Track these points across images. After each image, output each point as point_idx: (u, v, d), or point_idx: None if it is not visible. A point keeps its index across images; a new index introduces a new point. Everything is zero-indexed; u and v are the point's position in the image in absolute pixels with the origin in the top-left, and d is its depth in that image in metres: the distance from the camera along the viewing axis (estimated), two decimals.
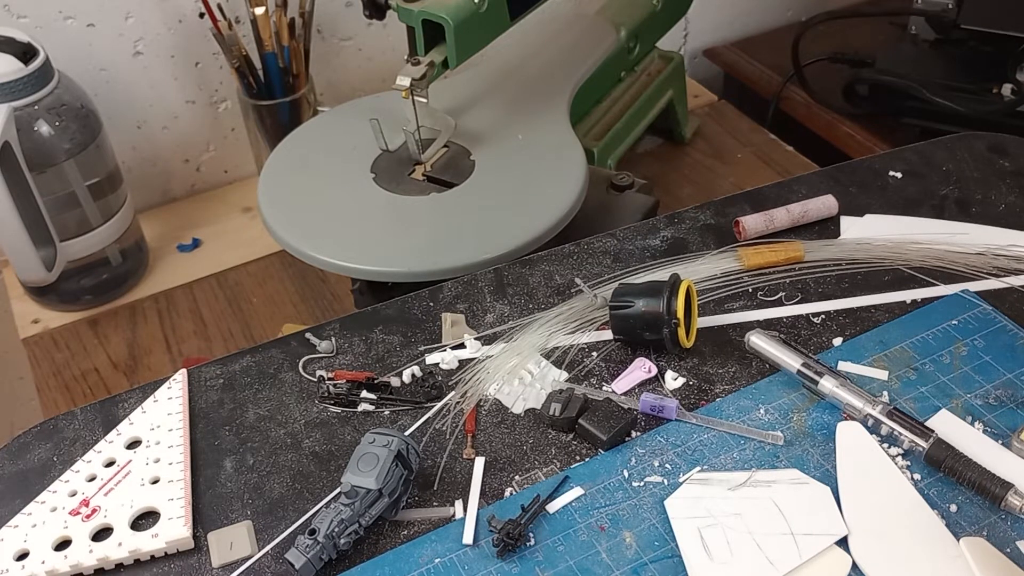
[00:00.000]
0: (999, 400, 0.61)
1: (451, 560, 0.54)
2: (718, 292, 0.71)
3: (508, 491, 0.58)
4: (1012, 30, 1.13)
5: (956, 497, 0.55)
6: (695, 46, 1.45)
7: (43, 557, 0.55)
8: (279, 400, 0.65)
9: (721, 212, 0.80)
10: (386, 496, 0.55)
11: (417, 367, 0.67)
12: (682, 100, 1.17)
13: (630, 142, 1.06)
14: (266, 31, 1.02)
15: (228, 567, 0.55)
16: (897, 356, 0.65)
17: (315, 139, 0.92)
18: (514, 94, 0.96)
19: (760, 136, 1.21)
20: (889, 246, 0.74)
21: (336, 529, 0.53)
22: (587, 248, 0.77)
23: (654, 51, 1.13)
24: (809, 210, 0.78)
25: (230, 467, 0.61)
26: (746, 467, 0.58)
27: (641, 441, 0.60)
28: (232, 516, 0.58)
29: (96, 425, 0.64)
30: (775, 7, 1.48)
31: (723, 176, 1.14)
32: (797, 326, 0.68)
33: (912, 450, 0.57)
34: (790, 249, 0.74)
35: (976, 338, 0.66)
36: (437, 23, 0.79)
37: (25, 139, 0.86)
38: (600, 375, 0.65)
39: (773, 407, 0.62)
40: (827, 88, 1.26)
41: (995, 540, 0.53)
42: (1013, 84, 1.13)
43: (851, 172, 0.85)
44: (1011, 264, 0.72)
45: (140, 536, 0.56)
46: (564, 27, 1.05)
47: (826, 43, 1.30)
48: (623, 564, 0.53)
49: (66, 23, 1.02)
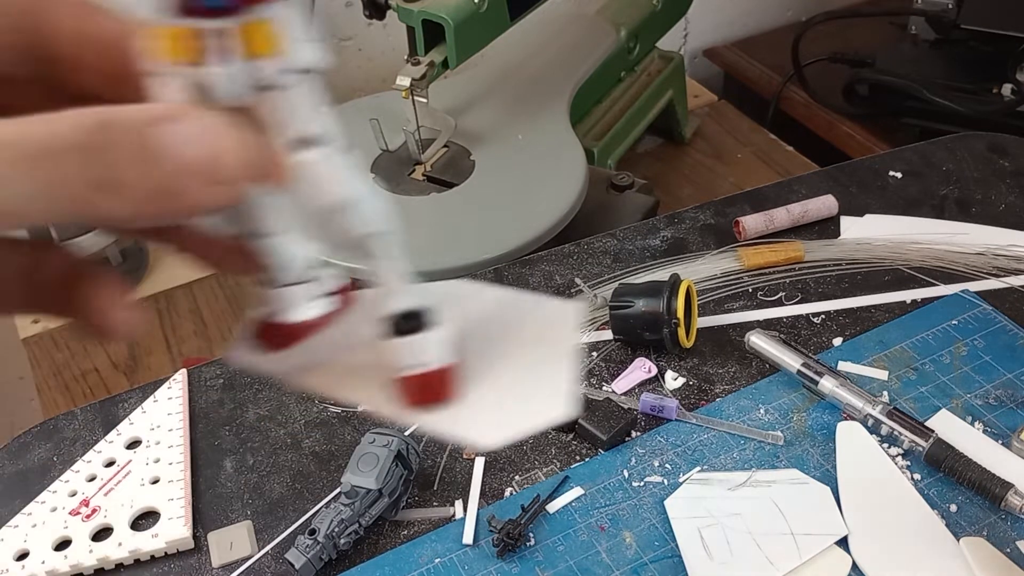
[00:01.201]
0: (999, 400, 0.61)
1: (451, 560, 0.54)
2: (718, 292, 0.71)
3: (508, 491, 0.58)
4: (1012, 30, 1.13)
5: (956, 497, 0.55)
6: (695, 46, 1.45)
7: (43, 557, 0.55)
8: (279, 400, 0.65)
9: (721, 212, 0.80)
10: (386, 496, 0.55)
11: None
12: (682, 100, 1.17)
13: (630, 142, 1.06)
14: None
15: (228, 567, 0.55)
16: (897, 356, 0.65)
17: None
18: (514, 94, 0.96)
19: (760, 136, 1.21)
20: (889, 246, 0.74)
21: (336, 529, 0.53)
22: (587, 248, 0.77)
23: (654, 51, 1.13)
24: (809, 210, 0.78)
25: (230, 467, 0.61)
26: (746, 467, 0.58)
27: (641, 441, 0.60)
28: (232, 516, 0.58)
29: (96, 425, 0.64)
30: (775, 7, 1.48)
31: (723, 176, 1.14)
32: (797, 326, 0.68)
33: (912, 450, 0.57)
34: (790, 249, 0.74)
35: (976, 338, 0.65)
36: (437, 23, 0.79)
37: None
38: (600, 375, 0.65)
39: (773, 407, 0.62)
40: (827, 88, 1.26)
41: (995, 540, 0.53)
42: (1013, 84, 1.13)
43: (851, 172, 0.85)
44: (1011, 264, 0.72)
45: (140, 536, 0.56)
46: (564, 27, 1.05)
47: (826, 43, 1.30)
48: (623, 564, 0.53)
49: None
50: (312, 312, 0.29)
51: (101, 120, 0.22)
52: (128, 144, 0.22)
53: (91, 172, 0.21)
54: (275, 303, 0.29)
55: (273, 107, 0.24)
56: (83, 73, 0.26)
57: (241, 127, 0.23)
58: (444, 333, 0.27)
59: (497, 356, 0.29)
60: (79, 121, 0.21)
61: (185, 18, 0.23)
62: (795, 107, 1.29)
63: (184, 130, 0.22)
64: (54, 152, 0.21)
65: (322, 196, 0.25)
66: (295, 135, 0.24)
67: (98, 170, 0.21)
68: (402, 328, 0.27)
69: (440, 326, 0.27)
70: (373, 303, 0.28)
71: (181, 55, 0.23)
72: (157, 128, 0.22)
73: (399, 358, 0.27)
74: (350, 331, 0.29)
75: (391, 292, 0.27)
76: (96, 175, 0.21)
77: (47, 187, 0.21)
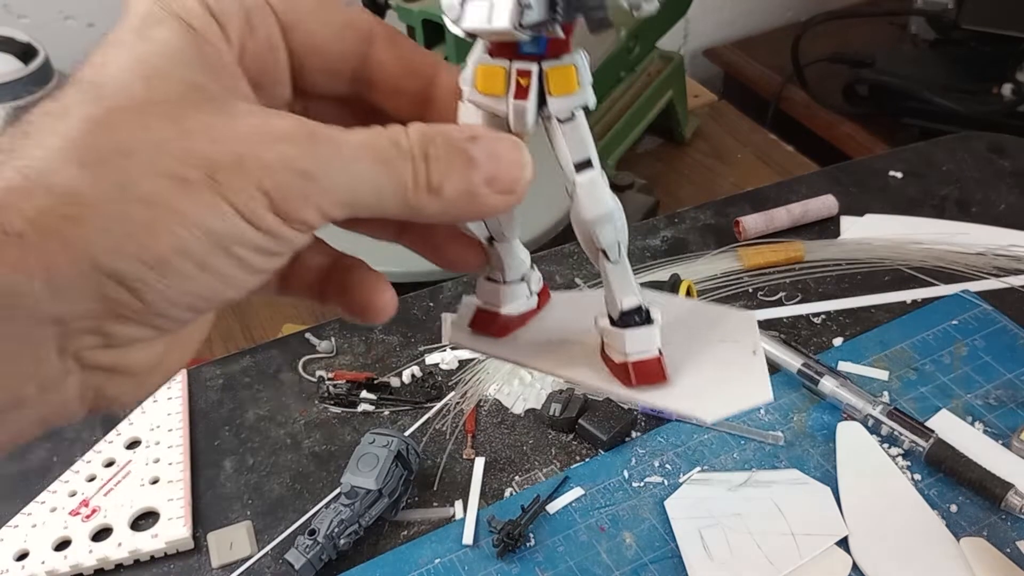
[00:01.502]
0: (999, 400, 0.61)
1: (451, 560, 0.54)
2: (718, 292, 0.71)
3: (508, 491, 0.58)
4: (1012, 30, 1.14)
5: (956, 497, 0.55)
6: (695, 46, 1.45)
7: (43, 557, 0.55)
8: (279, 400, 0.65)
9: (721, 212, 0.80)
10: (386, 496, 0.55)
11: (417, 367, 0.66)
12: (682, 100, 1.17)
13: (630, 142, 1.06)
14: None
15: (228, 567, 0.55)
16: (897, 356, 0.65)
17: None
18: None
19: (760, 136, 1.21)
20: (889, 246, 0.74)
21: (336, 529, 0.53)
22: None
23: (654, 51, 1.13)
24: (809, 210, 0.78)
25: (230, 467, 0.61)
26: (746, 467, 0.58)
27: (641, 441, 0.60)
28: (232, 516, 0.58)
29: (96, 425, 0.64)
30: (775, 7, 1.48)
31: (723, 176, 1.14)
32: (797, 326, 0.68)
33: (912, 450, 0.57)
34: (790, 249, 0.74)
35: (976, 338, 0.65)
36: (437, 23, 0.79)
37: None
38: None
39: (773, 407, 0.62)
40: (827, 88, 1.26)
41: (995, 540, 0.53)
42: (1013, 84, 1.13)
43: (851, 172, 0.84)
44: (1011, 264, 0.72)
45: (140, 536, 0.56)
46: None
47: (826, 43, 1.30)
48: (623, 564, 0.53)
49: (66, 23, 1.02)
50: (524, 307, 0.35)
51: (432, 135, 0.27)
52: (453, 156, 0.27)
53: (422, 176, 0.26)
54: (498, 297, 0.35)
55: (560, 135, 0.29)
56: (396, 96, 0.31)
57: (526, 149, 0.28)
58: (659, 328, 0.33)
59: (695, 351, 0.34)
60: (417, 137, 0.27)
61: (503, 60, 0.28)
62: (795, 107, 1.29)
63: (496, 148, 0.28)
64: (398, 158, 0.26)
65: (588, 211, 0.30)
66: (576, 159, 0.29)
67: (428, 174, 0.26)
68: (630, 322, 0.32)
69: (657, 322, 0.32)
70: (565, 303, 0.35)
71: (494, 88, 0.29)
72: (476, 144, 0.27)
73: (628, 345, 0.32)
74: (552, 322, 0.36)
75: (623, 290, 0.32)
76: (425, 179, 0.26)
77: (389, 184, 0.26)
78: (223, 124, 0.25)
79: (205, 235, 0.24)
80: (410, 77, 0.31)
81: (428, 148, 0.26)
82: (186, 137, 0.24)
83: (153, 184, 0.23)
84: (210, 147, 0.24)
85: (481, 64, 0.29)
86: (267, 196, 0.24)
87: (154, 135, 0.24)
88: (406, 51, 0.31)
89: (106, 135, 0.24)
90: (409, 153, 0.26)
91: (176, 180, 0.23)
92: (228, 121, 0.25)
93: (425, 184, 0.26)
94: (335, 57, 0.30)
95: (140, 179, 0.23)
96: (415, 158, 0.26)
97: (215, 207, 0.24)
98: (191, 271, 0.24)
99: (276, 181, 0.24)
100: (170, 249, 0.23)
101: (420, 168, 0.26)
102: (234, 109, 0.25)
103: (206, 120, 0.25)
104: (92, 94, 0.24)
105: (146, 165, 0.23)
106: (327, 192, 0.25)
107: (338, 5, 0.31)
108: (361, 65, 0.31)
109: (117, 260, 0.23)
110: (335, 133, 0.26)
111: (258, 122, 0.25)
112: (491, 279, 0.35)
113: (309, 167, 0.25)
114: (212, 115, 0.25)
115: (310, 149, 0.25)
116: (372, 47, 0.31)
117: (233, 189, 0.24)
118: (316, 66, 0.30)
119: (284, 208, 0.25)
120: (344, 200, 0.26)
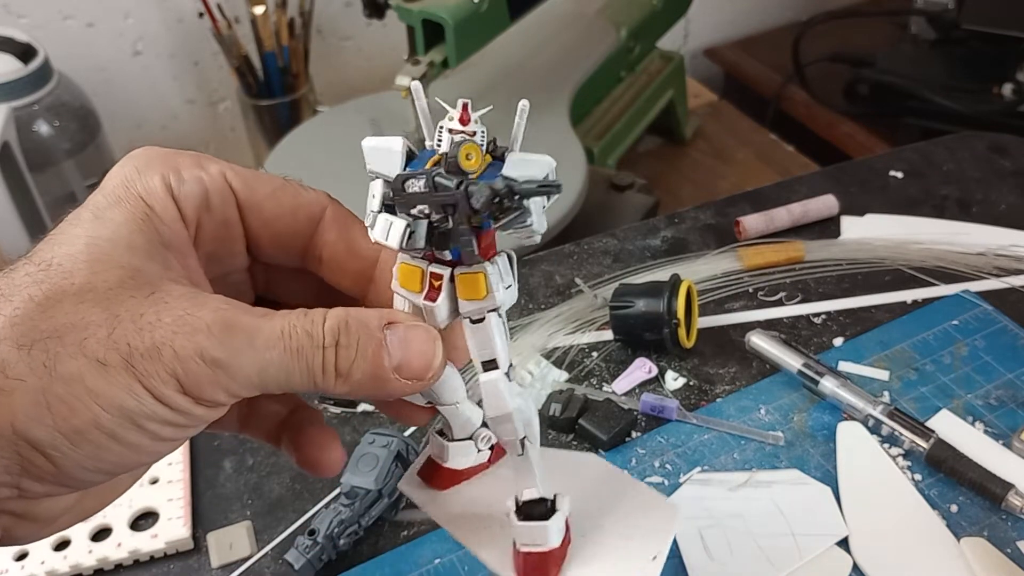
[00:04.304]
0: (1000, 400, 0.61)
1: (451, 560, 0.54)
2: (718, 292, 0.71)
3: None
4: (1012, 30, 1.14)
5: (956, 497, 0.55)
6: (695, 46, 1.45)
7: (42, 557, 0.55)
8: None
9: (721, 212, 0.80)
10: (386, 497, 0.55)
11: None
12: (682, 100, 1.17)
13: (630, 142, 1.06)
14: (266, 31, 1.02)
15: (227, 567, 0.55)
16: (898, 356, 0.65)
17: (315, 139, 0.92)
18: (514, 94, 0.96)
19: (760, 136, 1.21)
20: (890, 246, 0.74)
21: (336, 530, 0.53)
22: (587, 248, 0.77)
23: (654, 51, 1.13)
24: (809, 210, 0.78)
25: (229, 467, 0.61)
26: (746, 467, 0.58)
27: (641, 441, 0.60)
28: (231, 516, 0.58)
29: None
30: (775, 7, 1.48)
31: (723, 176, 1.14)
32: (797, 326, 0.68)
33: (913, 450, 0.57)
34: (790, 249, 0.74)
35: (977, 338, 0.65)
36: (437, 23, 0.78)
37: (24, 139, 0.86)
38: (600, 375, 0.65)
39: (773, 407, 0.62)
40: (827, 88, 1.26)
41: (995, 540, 0.53)
42: (1013, 84, 1.13)
43: (851, 172, 0.84)
44: (1012, 264, 0.72)
45: (139, 536, 0.56)
46: (564, 27, 1.05)
47: (826, 43, 1.30)
48: None
49: (66, 23, 1.02)
50: (470, 461, 0.37)
51: (348, 323, 0.30)
52: (366, 343, 0.30)
53: (331, 363, 0.29)
54: (444, 453, 0.36)
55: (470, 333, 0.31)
56: (340, 275, 0.35)
57: (439, 341, 0.31)
58: (562, 520, 0.34)
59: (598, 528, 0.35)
60: (332, 325, 0.29)
61: (421, 261, 0.31)
62: (795, 107, 1.29)
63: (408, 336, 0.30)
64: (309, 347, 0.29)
65: (489, 409, 0.32)
66: (482, 358, 0.32)
67: (337, 362, 0.29)
68: (528, 514, 0.34)
69: (560, 513, 0.33)
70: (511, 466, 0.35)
71: (411, 285, 0.31)
72: (391, 331, 0.30)
73: (522, 537, 0.34)
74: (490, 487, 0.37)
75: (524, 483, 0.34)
76: (334, 365, 0.29)
77: (298, 369, 0.29)
78: (151, 312, 0.28)
79: (118, 411, 0.27)
80: (354, 258, 0.35)
81: (340, 336, 0.29)
82: (114, 323, 0.27)
83: (76, 365, 0.27)
84: (133, 335, 0.27)
85: (403, 263, 0.31)
86: (177, 380, 0.27)
87: (85, 319, 0.27)
88: (354, 233, 0.34)
89: (43, 318, 0.27)
90: (320, 343, 0.29)
91: (96, 363, 0.27)
92: (156, 308, 0.28)
93: (333, 370, 0.30)
94: (287, 235, 0.34)
95: (66, 360, 0.27)
96: (326, 348, 0.29)
97: (129, 388, 0.27)
98: (104, 441, 0.27)
99: (187, 368, 0.27)
100: (84, 422, 0.27)
101: (330, 356, 0.29)
102: (167, 295, 0.29)
103: (135, 307, 0.28)
104: (37, 276, 0.28)
105: (73, 347, 0.27)
106: (236, 377, 0.28)
107: (295, 190, 0.34)
108: (311, 243, 0.35)
109: (35, 428, 0.26)
110: (252, 322, 0.29)
111: (182, 312, 0.28)
112: (441, 433, 0.37)
113: (220, 356, 0.28)
114: (142, 301, 0.28)
115: (224, 340, 0.28)
116: (322, 228, 0.34)
117: (147, 373, 0.27)
118: (270, 241, 0.34)
119: (194, 391, 0.28)
120: (253, 383, 0.29)
